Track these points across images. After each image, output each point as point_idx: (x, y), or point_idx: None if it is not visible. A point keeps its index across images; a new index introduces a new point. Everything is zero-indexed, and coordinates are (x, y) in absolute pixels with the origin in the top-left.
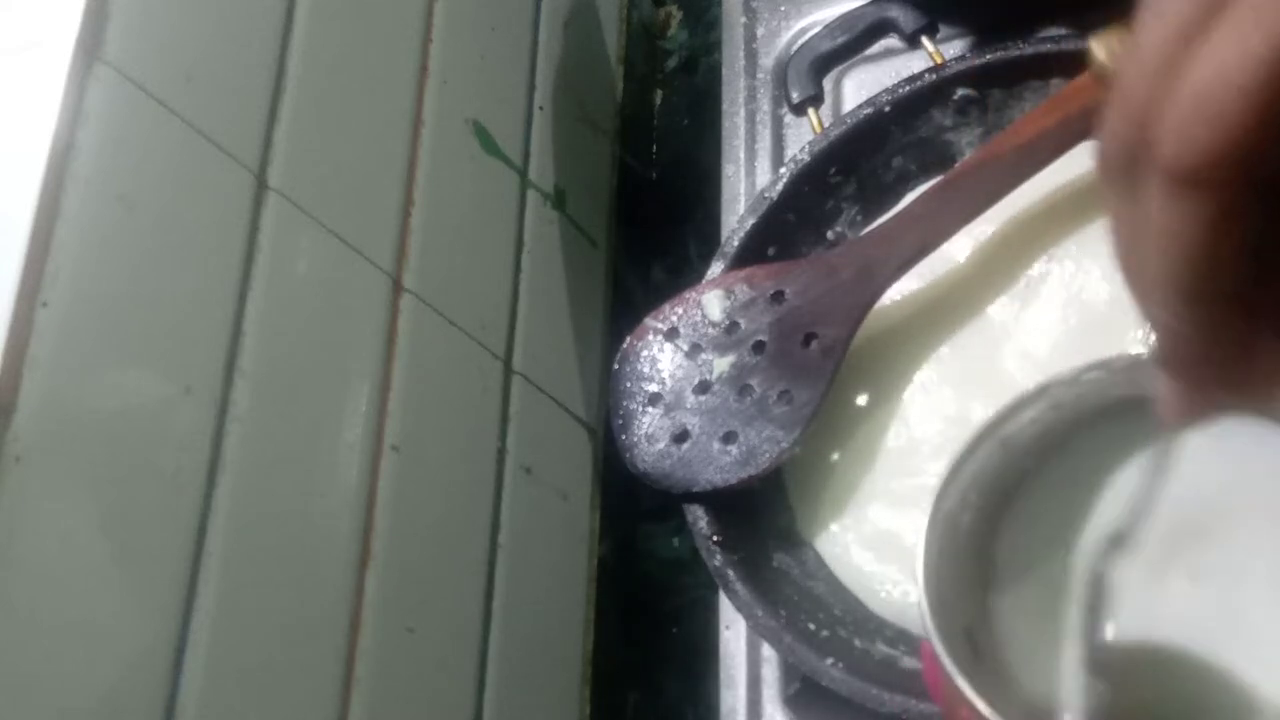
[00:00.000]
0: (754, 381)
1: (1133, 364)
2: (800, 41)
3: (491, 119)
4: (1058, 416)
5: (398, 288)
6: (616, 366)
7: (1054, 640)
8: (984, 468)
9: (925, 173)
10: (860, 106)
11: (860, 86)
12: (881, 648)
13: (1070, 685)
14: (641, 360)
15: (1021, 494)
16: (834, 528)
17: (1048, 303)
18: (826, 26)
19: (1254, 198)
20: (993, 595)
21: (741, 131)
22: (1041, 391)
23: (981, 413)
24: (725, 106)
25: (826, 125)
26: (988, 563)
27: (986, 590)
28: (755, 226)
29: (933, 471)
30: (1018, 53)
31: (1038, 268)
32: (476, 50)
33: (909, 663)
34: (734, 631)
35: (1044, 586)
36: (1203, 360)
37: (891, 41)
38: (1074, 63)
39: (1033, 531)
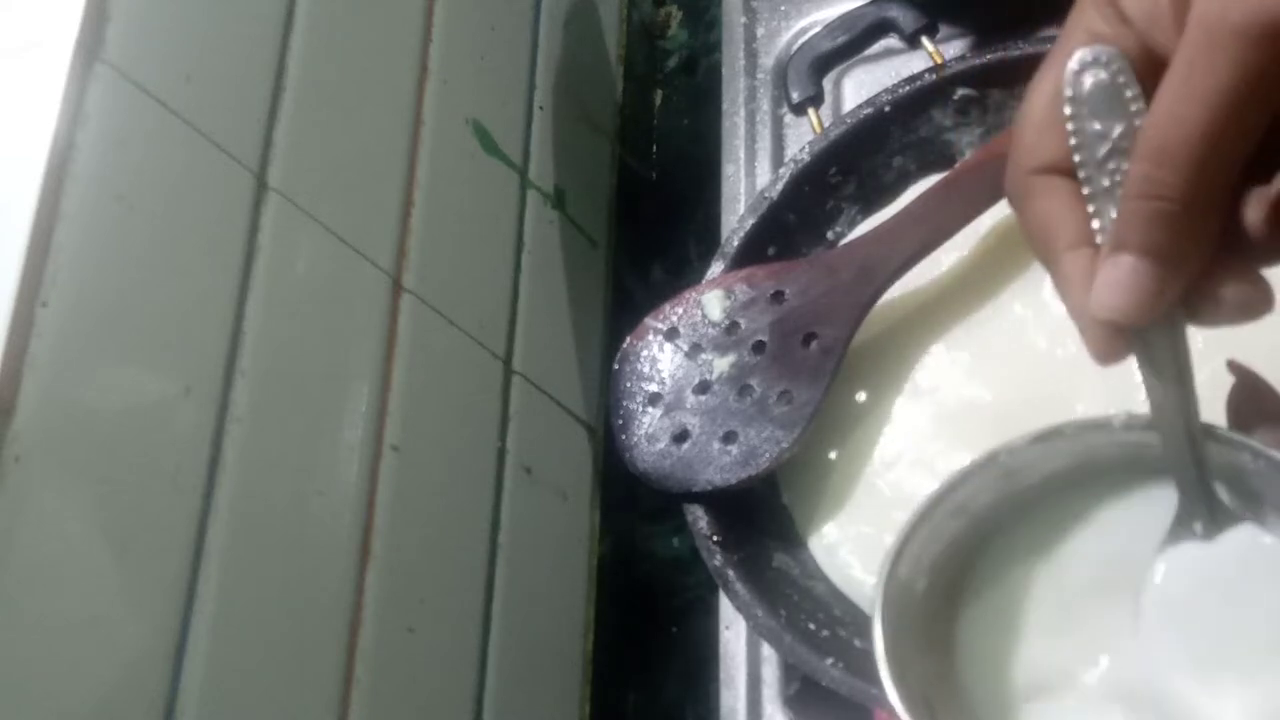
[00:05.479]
0: (754, 381)
1: (1082, 429)
2: (800, 41)
3: (491, 119)
4: (1011, 485)
5: (398, 288)
6: (616, 366)
7: (1011, 705)
8: (938, 535)
9: (925, 173)
10: (860, 106)
11: (860, 86)
12: None
13: None
14: (641, 360)
15: (982, 562)
16: (828, 528)
17: (1049, 302)
18: (826, 26)
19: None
20: (951, 660)
21: (741, 131)
22: (990, 459)
23: (982, 413)
24: (725, 106)
25: (826, 125)
26: (946, 628)
27: (944, 655)
28: (755, 226)
29: (930, 472)
30: (1018, 53)
31: (1038, 267)
32: (476, 50)
33: None
34: (734, 631)
35: (1003, 654)
36: (1185, 239)
37: (891, 41)
38: None
39: (992, 601)
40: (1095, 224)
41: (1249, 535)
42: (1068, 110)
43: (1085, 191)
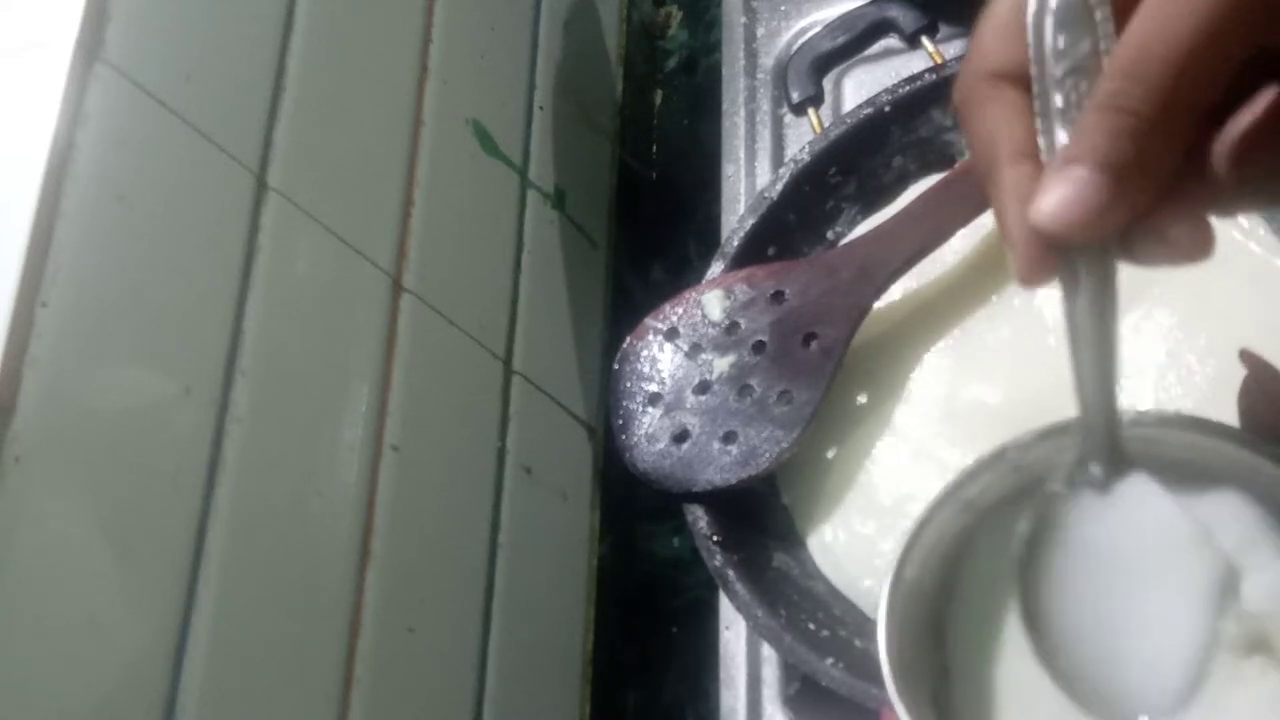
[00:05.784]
0: (754, 381)
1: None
2: (800, 41)
3: (491, 119)
4: (1018, 481)
5: (398, 288)
6: (616, 366)
7: (1017, 705)
8: (945, 533)
9: (925, 173)
10: (860, 106)
11: (860, 86)
12: None
13: None
14: (641, 360)
15: (972, 555)
16: (828, 528)
17: (1049, 302)
18: (826, 26)
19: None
20: (954, 659)
21: (741, 131)
22: (998, 455)
23: (983, 413)
24: (725, 106)
25: (826, 125)
26: (952, 625)
27: (949, 653)
28: (755, 226)
29: (931, 472)
30: None
31: None
32: (476, 50)
33: None
34: (734, 631)
35: (1004, 648)
36: (1145, 161)
37: (891, 41)
38: None
39: (989, 596)
40: (1041, 142)
41: (1145, 491)
42: (1030, 20)
43: (1036, 106)
